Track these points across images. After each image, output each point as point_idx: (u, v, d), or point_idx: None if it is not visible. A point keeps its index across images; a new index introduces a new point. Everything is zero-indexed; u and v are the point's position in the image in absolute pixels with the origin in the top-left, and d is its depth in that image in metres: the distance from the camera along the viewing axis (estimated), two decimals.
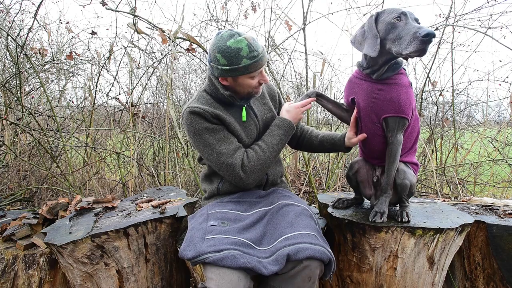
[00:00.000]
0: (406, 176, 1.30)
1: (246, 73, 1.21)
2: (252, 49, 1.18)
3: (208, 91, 1.34)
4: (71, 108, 3.45)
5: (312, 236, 1.07)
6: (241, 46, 1.17)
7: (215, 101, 1.32)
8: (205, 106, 1.28)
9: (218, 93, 1.30)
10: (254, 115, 1.37)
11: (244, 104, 1.34)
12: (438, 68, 3.61)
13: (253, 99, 1.38)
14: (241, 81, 1.24)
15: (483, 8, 2.45)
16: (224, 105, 1.32)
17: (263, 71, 1.27)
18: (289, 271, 1.02)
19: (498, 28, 2.51)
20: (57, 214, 1.61)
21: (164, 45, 2.59)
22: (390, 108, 1.21)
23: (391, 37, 1.11)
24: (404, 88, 1.21)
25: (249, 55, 1.18)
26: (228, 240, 1.07)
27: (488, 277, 1.44)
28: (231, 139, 1.28)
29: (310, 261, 1.01)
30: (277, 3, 5.25)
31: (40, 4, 2.33)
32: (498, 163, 2.86)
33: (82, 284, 1.26)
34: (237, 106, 1.34)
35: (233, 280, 0.97)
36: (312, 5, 2.59)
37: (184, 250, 1.08)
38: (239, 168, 1.25)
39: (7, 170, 2.81)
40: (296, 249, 1.01)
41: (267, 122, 1.40)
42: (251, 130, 1.35)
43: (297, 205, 1.24)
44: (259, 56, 1.20)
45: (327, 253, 1.03)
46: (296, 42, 2.79)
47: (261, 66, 1.23)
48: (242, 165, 1.25)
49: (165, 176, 3.11)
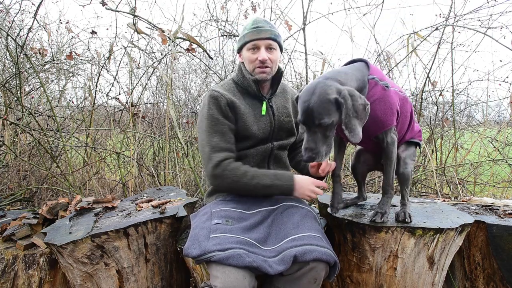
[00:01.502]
0: (407, 165, 1.31)
1: (245, 42, 1.32)
2: (255, 22, 1.32)
3: (235, 79, 1.41)
4: (71, 108, 3.45)
5: (318, 238, 1.08)
6: (249, 21, 1.35)
7: (238, 89, 1.38)
8: (225, 91, 1.34)
9: (244, 80, 1.36)
10: (272, 112, 1.40)
11: (265, 98, 1.38)
12: (438, 68, 3.60)
13: (276, 98, 1.43)
14: (245, 54, 1.34)
15: (483, 8, 2.45)
16: (247, 95, 1.38)
17: (263, 48, 1.31)
18: (295, 272, 1.02)
19: (498, 28, 2.50)
20: (57, 214, 1.61)
21: (164, 45, 2.59)
22: (376, 127, 1.20)
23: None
24: (381, 101, 1.17)
25: (250, 27, 1.32)
26: (233, 239, 1.07)
27: (488, 277, 1.44)
28: (227, 137, 1.30)
29: (316, 263, 1.02)
30: (277, 3, 5.25)
31: (40, 4, 2.33)
32: (498, 163, 2.86)
33: (82, 284, 1.26)
34: (258, 99, 1.38)
35: (238, 279, 0.97)
36: (312, 5, 2.59)
37: (189, 249, 1.08)
38: (213, 165, 1.24)
39: (7, 170, 2.80)
40: (303, 251, 1.01)
41: (282, 125, 1.42)
42: (265, 125, 1.37)
43: (302, 207, 1.26)
44: (259, 28, 1.30)
45: (333, 255, 1.04)
46: (296, 42, 2.80)
47: (257, 37, 1.29)
48: (219, 165, 1.24)
49: (165, 176, 3.11)
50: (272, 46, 1.32)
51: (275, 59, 1.34)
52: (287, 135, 1.46)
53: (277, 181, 1.24)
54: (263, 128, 1.36)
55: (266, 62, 1.31)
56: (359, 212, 1.41)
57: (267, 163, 1.41)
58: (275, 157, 1.43)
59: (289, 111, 1.46)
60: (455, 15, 2.56)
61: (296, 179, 1.25)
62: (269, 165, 1.42)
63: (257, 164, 1.38)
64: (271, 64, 1.33)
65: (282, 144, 1.43)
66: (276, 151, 1.42)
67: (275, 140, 1.42)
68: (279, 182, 1.24)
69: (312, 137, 1.05)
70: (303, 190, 1.24)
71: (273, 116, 1.39)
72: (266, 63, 1.31)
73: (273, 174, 1.27)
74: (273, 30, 1.33)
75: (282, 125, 1.42)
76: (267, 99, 1.39)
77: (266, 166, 1.42)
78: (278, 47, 1.36)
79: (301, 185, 1.24)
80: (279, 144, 1.42)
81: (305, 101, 1.05)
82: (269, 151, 1.40)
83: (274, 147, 1.41)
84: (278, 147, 1.42)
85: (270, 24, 1.34)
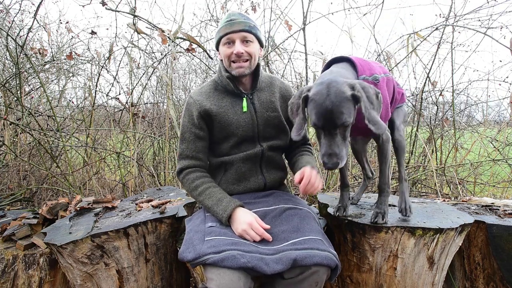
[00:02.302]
0: (400, 132, 1.34)
1: (220, 37, 1.28)
2: (229, 16, 1.29)
3: (216, 78, 1.38)
4: (71, 108, 3.45)
5: (318, 241, 1.07)
6: (224, 16, 1.31)
7: (218, 88, 1.36)
8: (200, 97, 1.34)
9: (223, 78, 1.33)
10: (254, 109, 1.34)
11: (244, 95, 1.34)
12: (438, 68, 3.61)
13: (259, 92, 1.37)
14: (221, 50, 1.30)
15: (483, 8, 2.45)
16: (227, 94, 1.35)
17: (238, 41, 1.26)
18: (297, 276, 1.01)
19: (498, 28, 2.51)
20: (57, 214, 1.61)
21: (164, 45, 2.59)
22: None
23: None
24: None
25: (224, 21, 1.29)
26: (228, 241, 1.06)
27: (488, 277, 1.44)
28: (193, 146, 1.33)
29: (318, 267, 1.01)
30: (277, 3, 5.24)
31: (40, 4, 2.33)
32: (498, 163, 2.85)
33: (82, 284, 1.26)
34: (239, 96, 1.34)
35: (233, 280, 0.97)
36: (312, 5, 2.59)
37: (184, 252, 1.08)
38: (177, 171, 1.35)
39: (7, 170, 2.81)
40: (303, 255, 1.00)
41: (268, 120, 1.35)
42: (246, 122, 1.32)
43: (300, 208, 1.22)
44: (232, 21, 1.26)
45: (334, 259, 1.03)
46: (296, 42, 2.79)
47: (231, 30, 1.26)
48: (180, 172, 1.33)
49: (165, 176, 3.11)
50: (247, 38, 1.26)
51: (253, 51, 1.27)
52: (276, 132, 1.37)
53: (216, 206, 1.20)
54: (244, 125, 1.31)
55: (242, 56, 1.25)
56: (359, 212, 1.41)
57: (259, 167, 1.36)
58: (267, 160, 1.36)
59: (276, 105, 1.37)
60: (455, 15, 2.57)
61: (236, 213, 1.15)
62: (261, 169, 1.36)
63: (249, 169, 1.34)
64: (248, 57, 1.27)
65: (273, 144, 1.36)
66: (268, 153, 1.35)
67: (263, 140, 1.35)
68: (217, 209, 1.19)
69: (332, 141, 0.99)
70: (237, 226, 1.13)
71: (254, 112, 1.33)
72: (242, 57, 1.25)
73: (218, 199, 1.22)
74: (248, 21, 1.27)
75: (268, 121, 1.34)
76: (247, 95, 1.34)
77: (259, 170, 1.36)
78: (256, 40, 1.30)
79: (240, 221, 1.13)
80: (269, 145, 1.35)
81: (320, 104, 0.98)
82: (260, 154, 1.34)
83: (264, 150, 1.34)
84: (268, 148, 1.35)
85: (244, 16, 1.28)
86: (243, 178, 1.34)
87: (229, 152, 1.34)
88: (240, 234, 1.11)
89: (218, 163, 1.36)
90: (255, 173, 1.35)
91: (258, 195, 1.34)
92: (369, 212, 1.40)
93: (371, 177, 1.64)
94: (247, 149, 1.33)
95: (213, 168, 1.39)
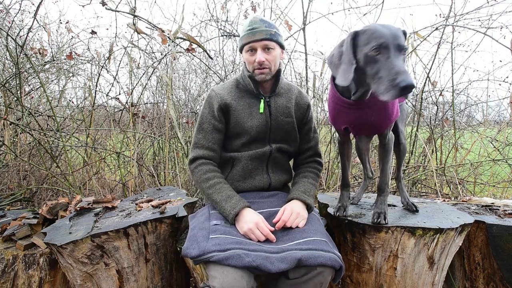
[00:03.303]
0: (404, 135, 1.43)
1: (243, 44, 1.32)
2: (251, 24, 1.31)
3: (238, 78, 1.43)
4: (71, 108, 3.45)
5: (323, 242, 1.08)
6: (247, 22, 1.33)
7: (240, 87, 1.40)
8: (221, 91, 1.38)
9: (245, 78, 1.37)
10: (269, 111, 1.38)
11: (263, 97, 1.38)
12: (438, 68, 3.61)
13: (277, 97, 1.41)
14: (244, 56, 1.35)
15: (483, 8, 2.45)
16: (247, 94, 1.39)
17: (259, 50, 1.29)
18: (302, 276, 1.02)
19: (498, 28, 2.51)
20: (57, 214, 1.61)
21: (164, 45, 2.59)
22: (384, 124, 1.22)
23: (370, 71, 0.98)
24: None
25: (246, 29, 1.31)
26: (233, 240, 1.07)
27: (488, 277, 1.44)
28: (210, 136, 1.35)
29: (323, 268, 1.02)
30: (277, 3, 5.25)
31: (40, 4, 2.33)
32: (498, 163, 2.85)
33: (82, 284, 1.26)
34: (258, 98, 1.38)
35: (236, 279, 0.97)
36: (312, 5, 2.59)
37: (188, 249, 1.08)
38: (190, 159, 1.37)
39: (7, 170, 2.80)
40: (308, 255, 1.01)
41: (281, 124, 1.39)
42: (260, 123, 1.36)
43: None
44: (254, 30, 1.29)
45: (339, 260, 1.04)
46: (296, 42, 2.80)
47: (253, 39, 1.28)
48: (193, 161, 1.35)
49: (165, 176, 3.11)
50: (269, 46, 1.29)
51: (273, 59, 1.32)
52: (286, 137, 1.42)
53: (225, 202, 1.21)
54: (258, 125, 1.35)
55: (264, 64, 1.30)
56: (359, 212, 1.41)
57: (266, 167, 1.40)
58: (274, 160, 1.41)
59: (291, 111, 1.42)
60: (455, 15, 2.57)
61: (243, 212, 1.17)
62: (267, 168, 1.40)
63: (255, 167, 1.38)
64: (269, 64, 1.31)
65: (282, 147, 1.41)
66: (275, 154, 1.40)
67: (273, 142, 1.40)
68: (225, 205, 1.20)
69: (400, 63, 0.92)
70: (243, 224, 1.14)
71: (269, 115, 1.38)
72: (263, 65, 1.30)
73: (228, 195, 1.22)
74: (269, 29, 1.29)
75: (280, 125, 1.39)
76: (265, 98, 1.38)
77: (265, 169, 1.40)
78: (277, 46, 1.33)
79: (246, 220, 1.14)
80: (277, 147, 1.40)
81: (381, 27, 0.96)
82: (268, 154, 1.38)
83: (273, 150, 1.39)
84: (277, 150, 1.40)
85: (266, 23, 1.30)
86: (249, 175, 1.38)
87: (239, 149, 1.38)
88: (245, 232, 1.12)
89: (227, 158, 1.39)
90: (261, 171, 1.39)
91: (263, 194, 1.36)
92: (369, 212, 1.40)
93: (371, 177, 1.65)
94: (256, 148, 1.37)
95: (221, 162, 1.41)
